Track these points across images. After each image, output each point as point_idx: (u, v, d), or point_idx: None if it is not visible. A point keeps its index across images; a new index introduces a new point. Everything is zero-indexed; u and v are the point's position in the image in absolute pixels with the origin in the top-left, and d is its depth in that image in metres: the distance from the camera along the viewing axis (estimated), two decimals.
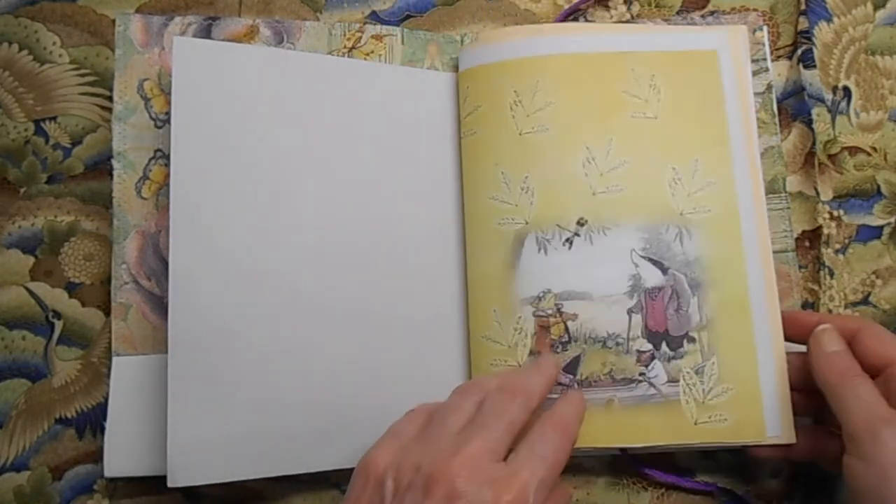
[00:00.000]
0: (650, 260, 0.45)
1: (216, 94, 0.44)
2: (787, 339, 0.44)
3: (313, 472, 0.45)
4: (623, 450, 0.46)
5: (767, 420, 0.43)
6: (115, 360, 0.46)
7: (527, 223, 0.46)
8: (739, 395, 0.44)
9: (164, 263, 0.46)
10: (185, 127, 0.43)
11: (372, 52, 0.50)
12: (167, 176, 0.47)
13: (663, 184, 0.46)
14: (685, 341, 0.45)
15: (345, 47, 0.50)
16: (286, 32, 0.50)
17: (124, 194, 0.47)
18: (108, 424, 0.45)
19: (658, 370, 0.45)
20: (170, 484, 0.40)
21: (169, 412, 0.41)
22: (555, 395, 0.44)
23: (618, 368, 0.45)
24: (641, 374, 0.45)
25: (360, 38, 0.50)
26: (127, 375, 0.46)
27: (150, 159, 0.48)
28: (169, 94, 0.46)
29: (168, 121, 0.45)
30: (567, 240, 0.46)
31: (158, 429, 0.43)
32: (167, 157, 0.47)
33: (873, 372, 0.40)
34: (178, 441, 0.41)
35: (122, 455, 0.45)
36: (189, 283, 0.42)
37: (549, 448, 0.38)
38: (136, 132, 0.48)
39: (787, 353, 0.44)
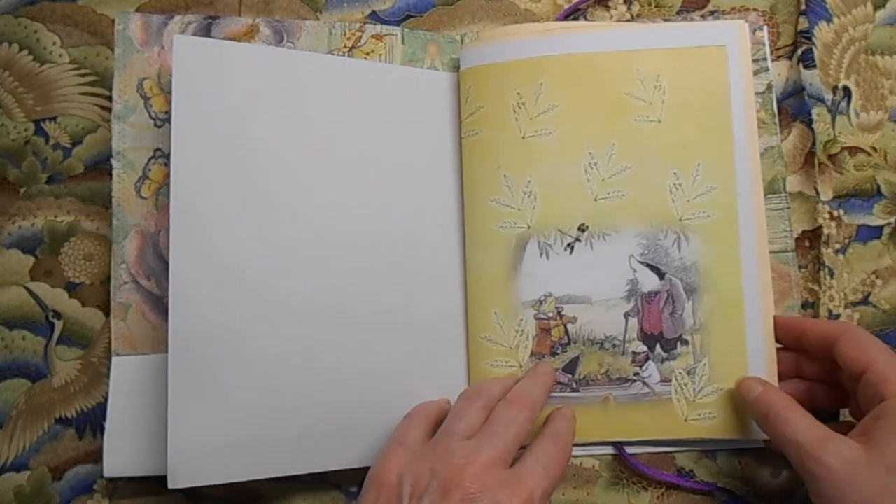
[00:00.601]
0: (648, 265, 0.46)
1: (216, 92, 0.44)
2: (779, 342, 0.45)
3: (313, 473, 0.45)
4: (619, 448, 0.47)
5: None
6: (114, 359, 0.46)
7: (529, 227, 0.46)
8: (729, 395, 0.45)
9: (164, 263, 0.46)
10: (185, 125, 0.43)
11: (372, 51, 0.50)
12: (167, 175, 0.47)
13: (664, 189, 0.46)
14: (679, 344, 0.46)
15: (345, 47, 0.50)
16: (286, 32, 0.50)
17: (124, 194, 0.47)
18: (107, 424, 0.45)
19: (651, 370, 0.46)
20: (170, 485, 0.40)
21: (169, 413, 0.41)
22: (555, 394, 0.46)
23: (614, 368, 0.46)
24: (636, 374, 0.46)
25: (360, 37, 0.50)
26: (126, 375, 0.46)
27: (149, 159, 0.48)
28: (168, 93, 0.46)
29: (168, 120, 0.45)
30: (568, 245, 0.46)
31: (158, 429, 0.43)
32: (167, 156, 0.47)
33: (854, 377, 0.40)
34: (178, 442, 0.41)
35: (122, 455, 0.45)
36: (189, 283, 0.42)
37: (552, 461, 0.40)
38: (136, 131, 0.48)
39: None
